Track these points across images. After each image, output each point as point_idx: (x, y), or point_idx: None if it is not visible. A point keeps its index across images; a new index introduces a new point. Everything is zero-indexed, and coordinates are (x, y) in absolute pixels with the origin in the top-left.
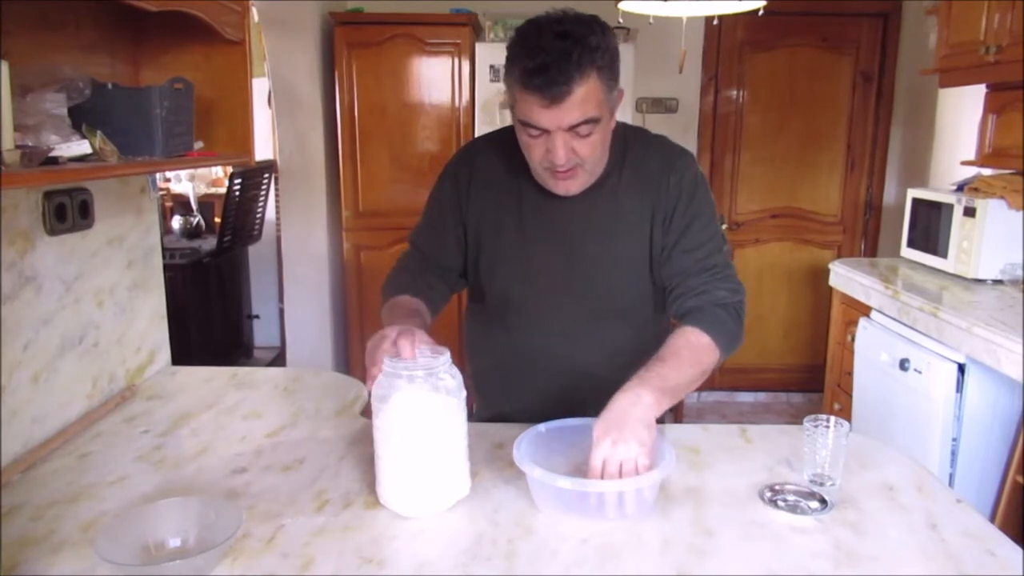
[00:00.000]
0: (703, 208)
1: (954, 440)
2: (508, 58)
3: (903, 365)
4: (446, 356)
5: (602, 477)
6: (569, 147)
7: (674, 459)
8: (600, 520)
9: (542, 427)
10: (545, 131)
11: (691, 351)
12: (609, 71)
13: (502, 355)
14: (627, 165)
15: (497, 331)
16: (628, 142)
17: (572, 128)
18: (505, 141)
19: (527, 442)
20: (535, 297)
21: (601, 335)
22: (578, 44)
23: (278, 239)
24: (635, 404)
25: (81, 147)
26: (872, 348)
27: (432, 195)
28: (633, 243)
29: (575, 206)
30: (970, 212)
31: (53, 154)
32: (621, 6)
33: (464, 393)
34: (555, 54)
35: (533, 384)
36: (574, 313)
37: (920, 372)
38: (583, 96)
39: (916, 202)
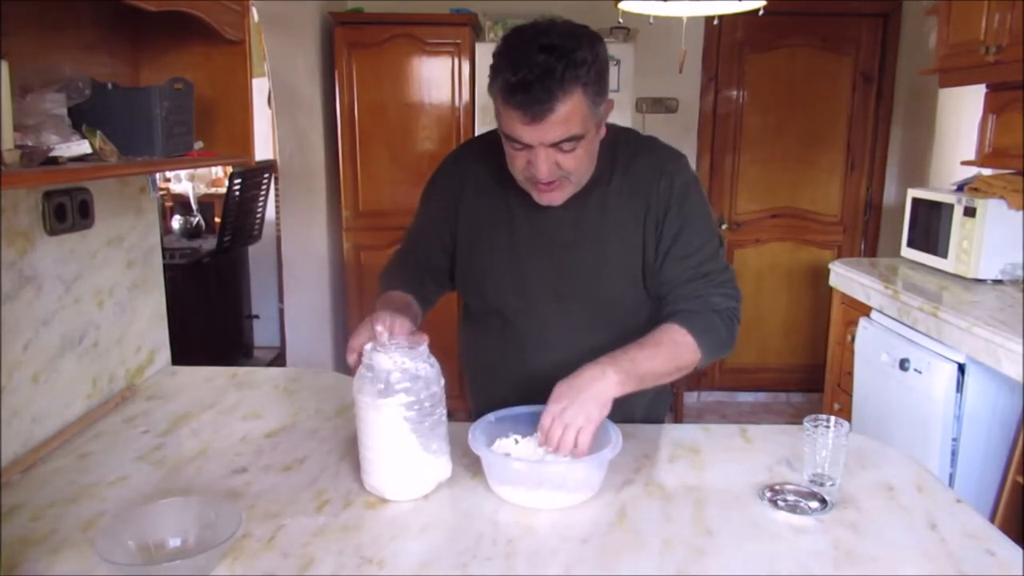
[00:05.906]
0: (695, 213)
1: (954, 440)
2: (492, 67)
3: (903, 365)
4: (423, 347)
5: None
6: (552, 161)
7: (619, 444)
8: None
9: (491, 416)
10: (528, 145)
11: (671, 346)
12: (596, 86)
13: (496, 365)
14: (617, 170)
15: (491, 341)
16: (618, 146)
17: (555, 144)
18: (495, 146)
19: (481, 429)
20: (528, 307)
21: (596, 345)
22: (563, 59)
23: (278, 239)
24: (598, 379)
25: (81, 147)
26: (872, 348)
27: (423, 198)
28: (624, 250)
29: (565, 213)
30: (970, 212)
31: (53, 154)
32: (621, 6)
33: (442, 381)
34: (538, 70)
35: (528, 394)
36: (567, 323)
37: (920, 372)
38: (566, 114)
39: (916, 202)
